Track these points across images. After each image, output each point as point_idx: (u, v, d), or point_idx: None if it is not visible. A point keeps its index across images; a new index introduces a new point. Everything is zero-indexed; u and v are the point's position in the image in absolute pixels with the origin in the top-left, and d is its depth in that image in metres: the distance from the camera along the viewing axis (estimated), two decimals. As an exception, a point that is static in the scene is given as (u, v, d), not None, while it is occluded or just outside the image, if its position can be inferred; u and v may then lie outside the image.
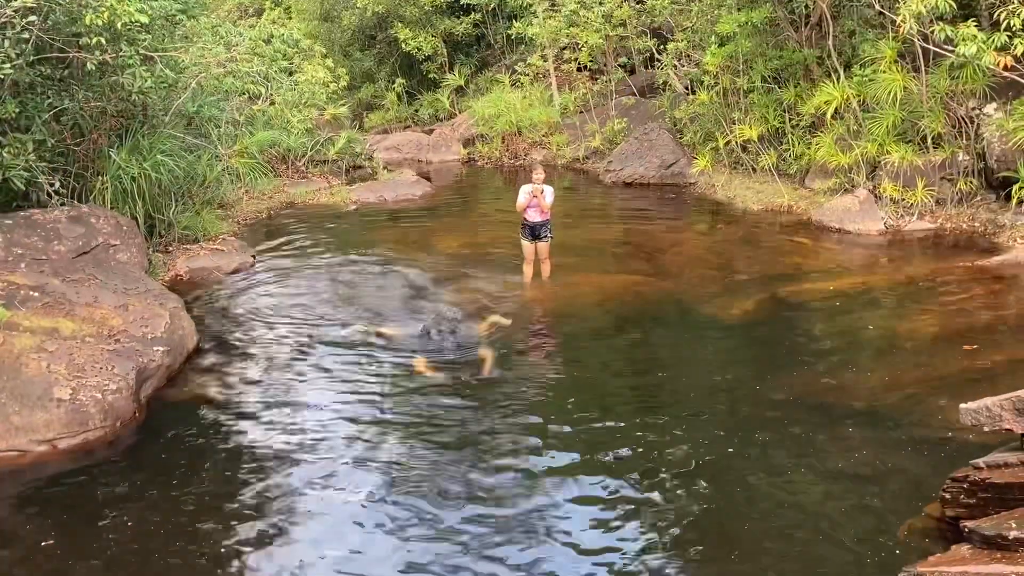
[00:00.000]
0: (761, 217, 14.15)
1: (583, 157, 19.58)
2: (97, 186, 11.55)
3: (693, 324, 9.75)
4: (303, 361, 8.96)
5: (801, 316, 9.78)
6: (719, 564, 5.52)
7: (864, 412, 7.31)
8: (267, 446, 7.21)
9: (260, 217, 15.63)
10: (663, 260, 12.22)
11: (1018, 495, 4.96)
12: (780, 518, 5.95)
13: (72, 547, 5.85)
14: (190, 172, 13.20)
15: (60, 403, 7.36)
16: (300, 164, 18.80)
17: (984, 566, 4.28)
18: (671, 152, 17.34)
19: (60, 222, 10.38)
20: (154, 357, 8.40)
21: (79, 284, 9.29)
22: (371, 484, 6.56)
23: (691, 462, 6.66)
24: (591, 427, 7.33)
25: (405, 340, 8.38)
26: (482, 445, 7.06)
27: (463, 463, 6.82)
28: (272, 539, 5.93)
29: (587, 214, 15.21)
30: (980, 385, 6.99)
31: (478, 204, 17.31)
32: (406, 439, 7.29)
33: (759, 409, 7.51)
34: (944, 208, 12.77)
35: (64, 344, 8.05)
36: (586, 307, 10.24)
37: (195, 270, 12.03)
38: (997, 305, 9.65)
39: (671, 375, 8.45)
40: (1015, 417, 5.19)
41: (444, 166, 21.44)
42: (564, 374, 8.37)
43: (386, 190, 17.37)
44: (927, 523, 5.63)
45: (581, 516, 6.06)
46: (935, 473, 6.01)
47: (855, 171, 13.62)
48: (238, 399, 8.15)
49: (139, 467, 6.98)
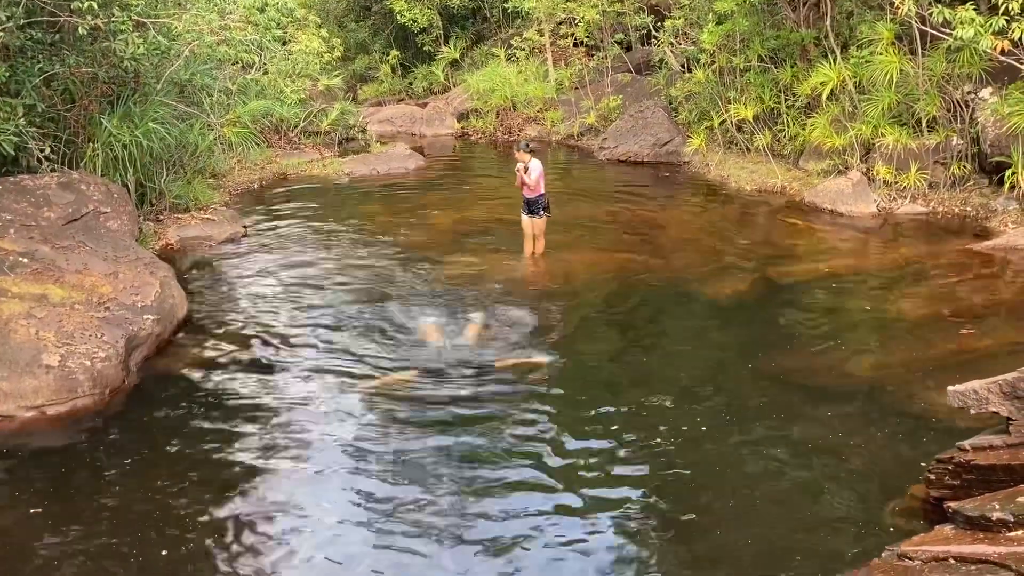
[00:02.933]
0: (754, 197, 14.14)
1: (577, 134, 19.51)
2: (88, 153, 11.46)
3: (685, 303, 9.77)
4: (293, 331, 8.95)
5: (792, 296, 9.80)
6: (703, 539, 5.56)
7: (853, 392, 7.35)
8: (256, 415, 7.22)
9: (252, 187, 15.56)
10: (656, 239, 12.22)
11: (1002, 477, 5.00)
12: (766, 495, 5.99)
13: (61, 514, 5.85)
14: (182, 141, 13.10)
15: (49, 370, 7.34)
16: (293, 135, 18.68)
17: (967, 546, 4.32)
18: (666, 130, 17.30)
19: (50, 188, 10.30)
20: (144, 325, 8.37)
21: (69, 251, 9.24)
22: (361, 453, 6.58)
23: (678, 439, 6.69)
24: (578, 401, 7.37)
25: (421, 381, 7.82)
26: (473, 415, 7.08)
27: (452, 428, 6.90)
28: (260, 507, 5.94)
29: (580, 192, 15.17)
30: (968, 368, 7.02)
31: (471, 179, 17.24)
32: (397, 404, 7.32)
33: (749, 387, 7.54)
34: (937, 192, 12.79)
35: (53, 311, 8.02)
36: (578, 285, 10.24)
37: (186, 239, 11.97)
38: (987, 289, 9.69)
39: (662, 353, 8.47)
40: (1002, 400, 5.23)
41: (438, 140, 21.34)
42: (553, 350, 8.38)
43: (379, 163, 17.29)
44: (912, 503, 5.68)
45: (566, 483, 6.12)
46: (921, 454, 6.07)
47: (849, 153, 13.62)
48: (228, 368, 8.14)
49: (128, 435, 6.98)
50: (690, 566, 5.34)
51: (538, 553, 5.42)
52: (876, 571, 4.40)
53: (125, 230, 10.52)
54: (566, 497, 6.01)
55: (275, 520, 5.82)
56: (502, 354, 8.18)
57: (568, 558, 5.39)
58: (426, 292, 10.08)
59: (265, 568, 5.34)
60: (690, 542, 5.57)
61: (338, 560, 5.44)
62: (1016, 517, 4.34)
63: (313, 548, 5.55)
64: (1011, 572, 3.81)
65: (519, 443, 6.69)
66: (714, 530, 5.64)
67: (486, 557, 5.40)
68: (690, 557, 5.42)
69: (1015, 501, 4.50)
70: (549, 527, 5.67)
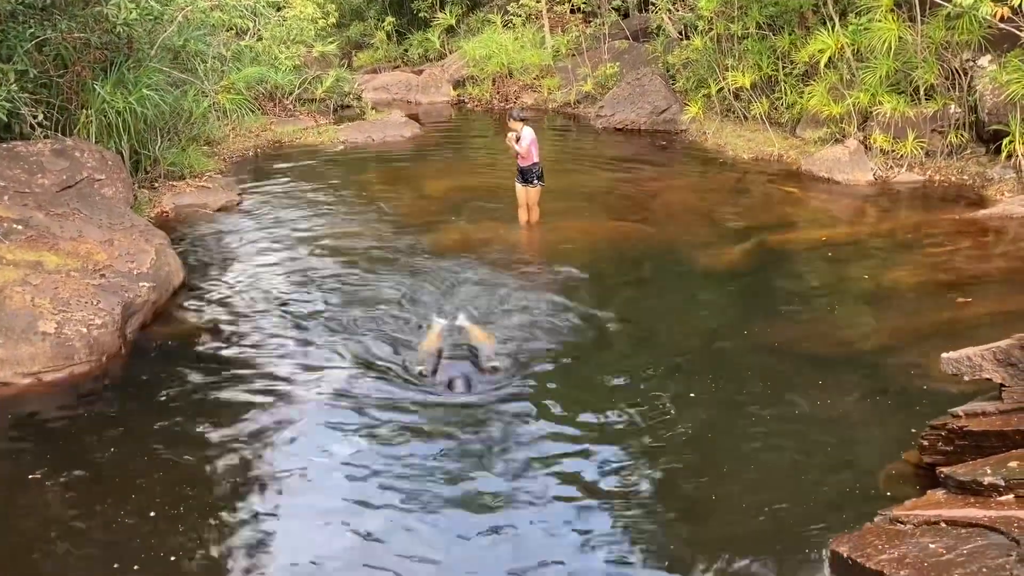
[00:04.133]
0: (751, 166, 14.10)
1: (574, 101, 19.39)
2: (81, 119, 11.38)
3: (681, 271, 9.77)
4: (289, 299, 8.95)
5: (788, 265, 9.81)
6: (698, 506, 5.61)
7: (848, 360, 7.39)
8: (252, 383, 7.25)
9: (247, 155, 15.47)
10: (652, 207, 12.20)
11: (994, 443, 5.04)
12: (760, 461, 6.04)
13: (59, 479, 5.89)
14: (176, 108, 13.02)
15: (45, 336, 7.34)
16: (287, 102, 18.55)
17: (958, 510, 4.37)
18: (663, 98, 17.19)
19: (44, 155, 10.25)
20: (140, 293, 8.36)
21: (63, 218, 9.20)
22: (355, 420, 6.62)
23: (672, 406, 6.73)
24: (571, 369, 7.40)
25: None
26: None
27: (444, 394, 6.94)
28: (255, 475, 5.98)
29: (577, 160, 15.11)
30: (962, 336, 7.04)
31: (467, 147, 17.17)
32: (389, 372, 7.35)
33: (743, 355, 7.57)
34: (934, 160, 12.76)
35: (48, 278, 8.00)
36: (573, 253, 10.22)
37: (181, 207, 11.93)
38: (982, 257, 9.71)
39: (656, 321, 8.49)
40: (995, 367, 5.26)
41: (433, 107, 21.20)
42: (549, 319, 8.39)
43: (374, 130, 17.18)
44: (905, 469, 5.74)
45: (557, 450, 6.18)
46: (914, 421, 6.11)
47: (846, 121, 13.56)
48: (224, 336, 8.15)
49: (124, 402, 7.01)
50: (685, 532, 5.39)
51: (530, 520, 5.48)
52: (869, 535, 4.46)
53: (120, 197, 10.48)
54: (559, 464, 6.06)
55: (268, 484, 5.87)
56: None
57: (562, 525, 5.43)
58: (421, 259, 10.06)
59: (255, 528, 5.40)
60: (685, 509, 5.62)
61: (332, 518, 5.50)
62: (1007, 482, 4.39)
63: (302, 508, 5.61)
64: (1001, 535, 3.86)
65: (511, 415, 6.72)
66: (708, 496, 5.69)
67: (482, 517, 5.46)
68: (685, 524, 5.47)
69: (1006, 466, 4.55)
70: (542, 496, 5.71)
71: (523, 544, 5.26)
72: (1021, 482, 4.33)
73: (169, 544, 5.24)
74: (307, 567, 5.09)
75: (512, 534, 5.34)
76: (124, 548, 5.22)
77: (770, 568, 4.95)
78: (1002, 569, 3.53)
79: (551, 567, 5.07)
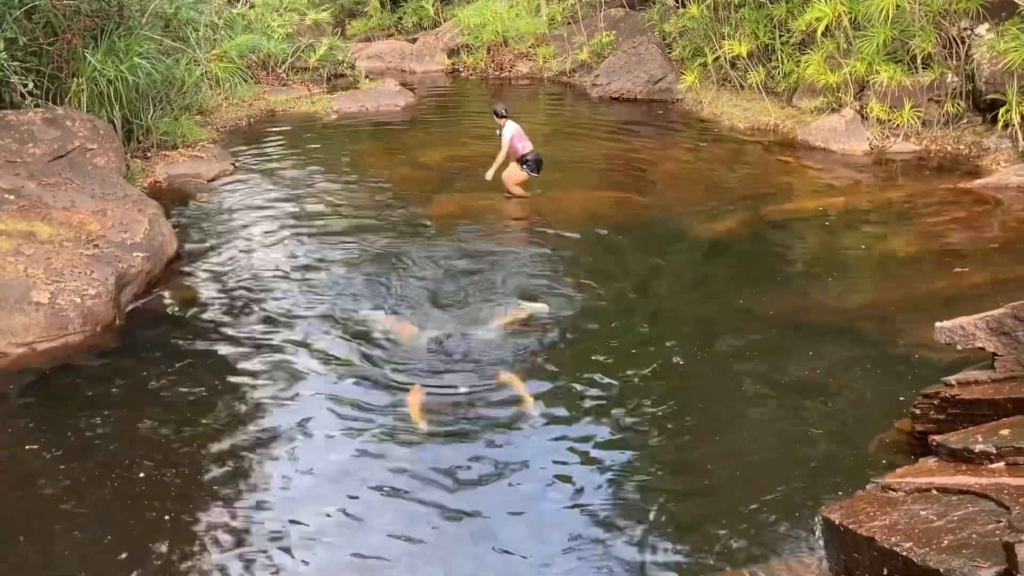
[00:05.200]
0: (747, 135, 14.04)
1: (570, 70, 19.25)
2: (72, 88, 11.27)
3: (676, 241, 9.76)
4: (283, 270, 8.93)
5: (784, 234, 9.81)
6: (693, 473, 5.65)
7: (842, 329, 7.41)
8: (246, 353, 7.26)
9: (240, 124, 15.36)
10: (648, 177, 12.16)
11: (986, 411, 5.07)
12: (753, 429, 6.08)
13: (53, 449, 5.90)
14: (168, 76, 12.89)
15: (39, 307, 7.33)
16: (280, 71, 18.39)
17: (949, 477, 4.40)
18: (659, 67, 17.08)
19: (35, 124, 10.16)
20: (133, 263, 8.33)
21: (55, 188, 9.14)
22: (349, 392, 6.63)
23: (667, 375, 6.76)
24: (566, 338, 7.40)
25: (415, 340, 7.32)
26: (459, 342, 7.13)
27: (437, 357, 6.97)
28: (246, 444, 6.01)
29: (573, 129, 15.04)
30: (956, 305, 7.06)
31: (462, 116, 17.05)
32: (383, 340, 7.35)
33: (739, 324, 7.59)
34: (930, 130, 12.72)
35: (41, 248, 7.97)
36: (569, 223, 10.20)
37: (174, 176, 11.86)
38: (977, 227, 9.70)
39: (651, 290, 8.49)
40: (988, 336, 5.28)
41: (428, 76, 21.03)
42: (543, 287, 8.39)
43: (368, 100, 17.06)
44: (897, 437, 5.77)
45: (551, 418, 6.22)
46: (907, 390, 6.14)
47: (843, 90, 13.50)
48: (218, 306, 8.14)
49: (119, 371, 7.00)
50: (680, 499, 5.43)
51: (520, 482, 5.51)
52: (861, 502, 4.48)
53: (112, 167, 10.41)
54: (551, 430, 6.09)
55: (259, 454, 5.90)
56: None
57: (556, 490, 5.47)
58: (414, 229, 10.04)
59: (244, 496, 5.46)
60: (680, 476, 5.65)
61: (322, 487, 5.53)
62: (998, 449, 4.41)
63: (292, 478, 5.64)
64: (992, 502, 3.89)
65: (501, 384, 6.74)
66: (704, 464, 5.72)
67: (478, 490, 5.49)
68: (680, 491, 5.51)
69: (998, 434, 4.58)
70: (535, 461, 5.75)
71: (514, 501, 5.30)
72: (1012, 450, 4.35)
73: (159, 513, 5.27)
74: (295, 535, 5.14)
75: (505, 491, 5.38)
76: (116, 517, 5.25)
77: (762, 535, 4.99)
78: (992, 535, 3.56)
79: (544, 529, 5.11)
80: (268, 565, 4.89)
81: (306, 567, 4.89)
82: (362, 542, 5.10)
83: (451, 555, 4.98)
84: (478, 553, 4.99)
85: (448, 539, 5.11)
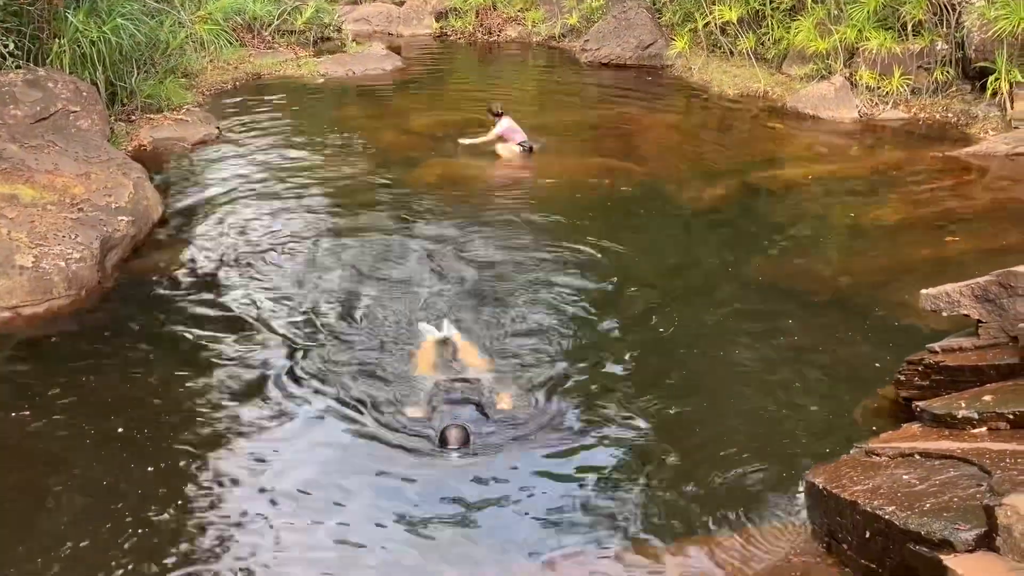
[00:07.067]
0: (736, 102, 13.98)
1: (559, 35, 19.08)
2: (54, 49, 11.08)
3: (664, 208, 9.75)
4: (268, 235, 8.89)
5: (772, 202, 9.82)
6: (679, 440, 5.67)
7: (828, 296, 7.44)
8: (232, 318, 7.23)
9: (225, 88, 15.16)
10: (637, 144, 12.12)
11: (969, 377, 5.11)
12: (739, 394, 6.12)
13: (38, 413, 5.88)
14: (152, 38, 12.69)
15: (23, 270, 7.27)
16: (266, 34, 18.14)
17: (932, 442, 4.44)
18: (649, 32, 16.95)
19: (16, 85, 10.01)
20: (119, 227, 8.27)
21: (38, 150, 9.04)
22: (336, 355, 6.63)
23: (654, 343, 6.79)
24: (555, 304, 7.41)
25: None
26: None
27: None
28: (229, 411, 6.01)
29: (561, 96, 14.95)
30: (943, 272, 7.07)
31: (450, 81, 16.91)
32: (373, 293, 7.42)
33: (725, 291, 7.61)
34: (919, 98, 12.70)
35: (24, 211, 7.89)
36: (557, 190, 10.17)
37: (159, 140, 11.72)
38: (965, 195, 9.74)
39: (640, 257, 8.48)
40: (973, 303, 5.31)
41: (415, 40, 20.79)
42: (530, 254, 8.38)
43: (355, 63, 16.88)
44: (881, 404, 5.82)
45: (540, 385, 6.19)
46: (892, 357, 6.17)
47: (833, 57, 13.45)
48: (203, 271, 8.10)
49: (104, 336, 6.97)
50: (664, 464, 5.45)
51: (501, 456, 5.54)
52: (844, 466, 4.53)
53: (96, 130, 10.28)
54: (533, 394, 6.11)
55: (241, 419, 5.90)
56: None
57: (548, 460, 5.50)
58: (401, 195, 9.98)
59: (225, 461, 5.47)
60: (664, 440, 5.67)
61: (303, 456, 5.56)
62: (981, 415, 4.46)
63: (273, 446, 5.65)
64: (973, 466, 3.93)
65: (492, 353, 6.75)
66: (689, 429, 5.76)
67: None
68: (664, 455, 5.53)
69: (980, 400, 4.62)
70: (529, 431, 5.77)
71: (493, 468, 5.33)
72: (994, 415, 4.39)
73: (141, 476, 5.28)
74: (275, 501, 5.15)
75: (505, 456, 5.41)
76: (104, 481, 5.25)
77: (746, 499, 5.04)
78: (973, 499, 3.60)
79: (524, 496, 5.14)
80: (256, 516, 4.96)
81: (292, 524, 4.92)
82: (343, 498, 5.13)
83: (435, 514, 5.01)
84: (456, 516, 5.03)
85: (429, 493, 5.14)
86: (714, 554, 4.65)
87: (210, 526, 4.90)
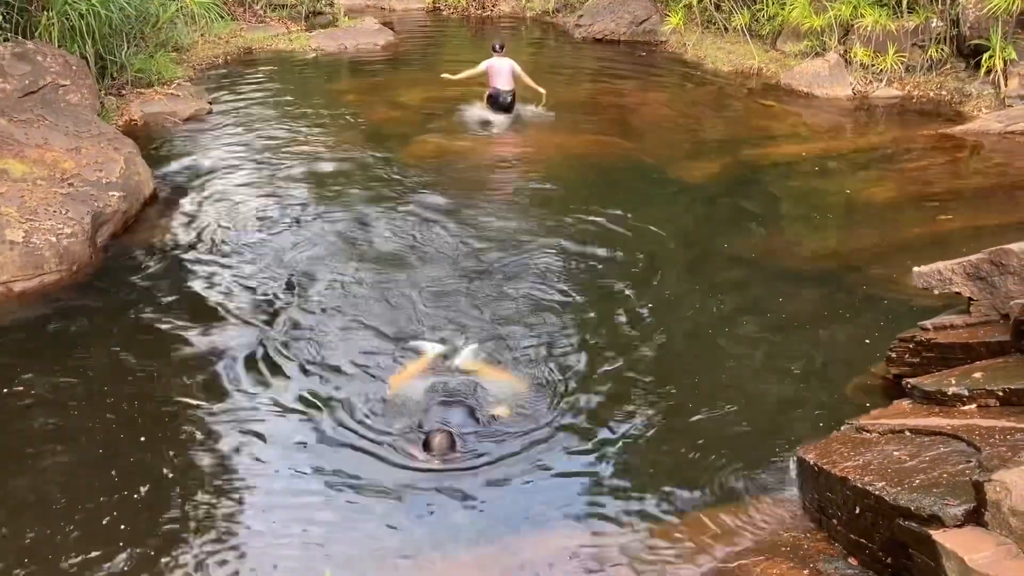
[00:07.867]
0: (730, 79, 13.92)
1: (553, 10, 18.93)
2: (43, 22, 10.96)
3: (657, 185, 9.74)
4: (259, 210, 8.86)
5: (765, 179, 9.81)
6: (672, 416, 5.70)
7: (820, 274, 7.46)
8: (224, 293, 7.24)
9: (216, 62, 15.02)
10: (630, 120, 12.07)
11: (960, 355, 5.14)
12: (731, 371, 6.14)
13: (30, 389, 5.87)
14: (142, 11, 12.58)
15: (13, 245, 7.23)
16: (258, 8, 17.97)
17: (922, 419, 4.47)
18: (643, 8, 16.83)
19: (4, 58, 9.92)
20: (110, 202, 8.22)
21: (28, 125, 8.96)
22: (329, 331, 6.63)
23: (646, 320, 6.79)
24: (547, 280, 7.41)
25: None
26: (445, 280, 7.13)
27: (417, 293, 7.03)
28: (219, 387, 6.02)
29: (555, 71, 14.82)
30: (935, 250, 7.09)
31: (443, 56, 16.77)
32: (365, 268, 7.43)
33: (719, 267, 7.63)
34: (913, 75, 12.67)
35: (14, 186, 7.84)
36: (550, 166, 10.14)
37: (149, 115, 11.63)
38: (958, 173, 9.76)
39: (632, 235, 8.47)
40: (964, 281, 5.33)
41: (408, 15, 20.61)
42: (523, 231, 8.37)
43: (347, 38, 16.73)
44: (872, 381, 5.86)
45: (533, 364, 6.24)
46: (884, 334, 6.20)
47: (827, 34, 13.39)
48: (195, 247, 8.08)
49: (96, 311, 6.97)
50: (656, 441, 5.49)
51: (497, 438, 5.57)
52: (835, 443, 4.56)
53: (86, 104, 10.20)
54: (525, 371, 6.13)
55: (230, 396, 5.91)
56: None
57: (542, 436, 5.51)
58: (393, 171, 9.94)
59: (213, 439, 5.49)
60: (656, 417, 5.70)
61: (293, 435, 5.58)
62: (971, 392, 4.49)
63: (262, 425, 5.66)
64: (963, 443, 3.96)
65: (484, 333, 6.75)
66: (681, 406, 5.78)
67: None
68: (658, 433, 5.56)
69: (971, 377, 4.65)
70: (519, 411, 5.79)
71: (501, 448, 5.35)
72: (984, 392, 4.42)
73: (140, 449, 5.30)
74: (270, 459, 5.23)
75: (486, 439, 5.43)
76: (97, 453, 5.26)
77: (739, 474, 5.07)
78: (962, 475, 3.63)
79: (519, 476, 5.17)
80: (243, 488, 5.00)
81: (279, 500, 4.94)
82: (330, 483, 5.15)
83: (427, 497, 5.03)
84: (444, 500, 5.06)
85: (407, 495, 5.16)
86: (705, 530, 4.68)
87: (199, 494, 4.95)
